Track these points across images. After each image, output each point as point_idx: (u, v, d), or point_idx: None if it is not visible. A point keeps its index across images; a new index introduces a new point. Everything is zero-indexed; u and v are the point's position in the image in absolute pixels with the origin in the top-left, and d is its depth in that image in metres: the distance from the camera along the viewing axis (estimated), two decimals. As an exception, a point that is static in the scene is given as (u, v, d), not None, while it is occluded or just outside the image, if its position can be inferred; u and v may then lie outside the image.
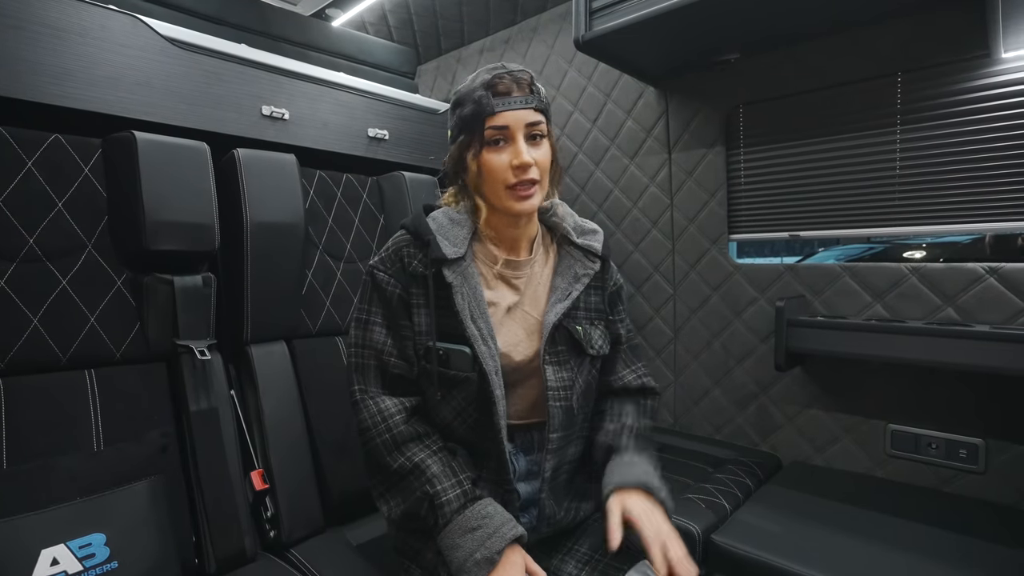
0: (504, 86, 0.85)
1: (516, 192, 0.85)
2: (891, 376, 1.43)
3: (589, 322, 0.97)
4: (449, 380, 0.89)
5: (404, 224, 0.94)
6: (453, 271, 0.88)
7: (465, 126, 0.87)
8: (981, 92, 1.28)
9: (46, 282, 1.03)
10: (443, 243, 0.88)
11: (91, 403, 1.02)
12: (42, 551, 0.79)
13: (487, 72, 0.87)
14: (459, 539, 0.81)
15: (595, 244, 0.98)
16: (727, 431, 1.76)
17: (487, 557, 0.79)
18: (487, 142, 0.85)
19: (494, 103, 0.84)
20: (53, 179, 1.06)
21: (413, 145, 1.75)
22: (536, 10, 2.12)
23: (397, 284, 0.90)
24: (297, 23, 1.90)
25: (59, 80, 1.08)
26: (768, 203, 1.65)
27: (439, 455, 0.88)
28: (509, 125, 0.84)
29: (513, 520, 0.84)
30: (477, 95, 0.85)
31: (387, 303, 0.91)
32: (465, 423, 0.91)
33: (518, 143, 0.84)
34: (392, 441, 0.87)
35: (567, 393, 0.92)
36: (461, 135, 0.88)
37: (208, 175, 1.17)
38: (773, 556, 1.12)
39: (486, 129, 0.85)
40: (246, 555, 1.11)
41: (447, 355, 0.88)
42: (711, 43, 1.50)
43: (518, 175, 0.84)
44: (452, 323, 0.87)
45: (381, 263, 0.92)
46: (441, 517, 0.83)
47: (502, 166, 0.85)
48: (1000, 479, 1.30)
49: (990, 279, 1.29)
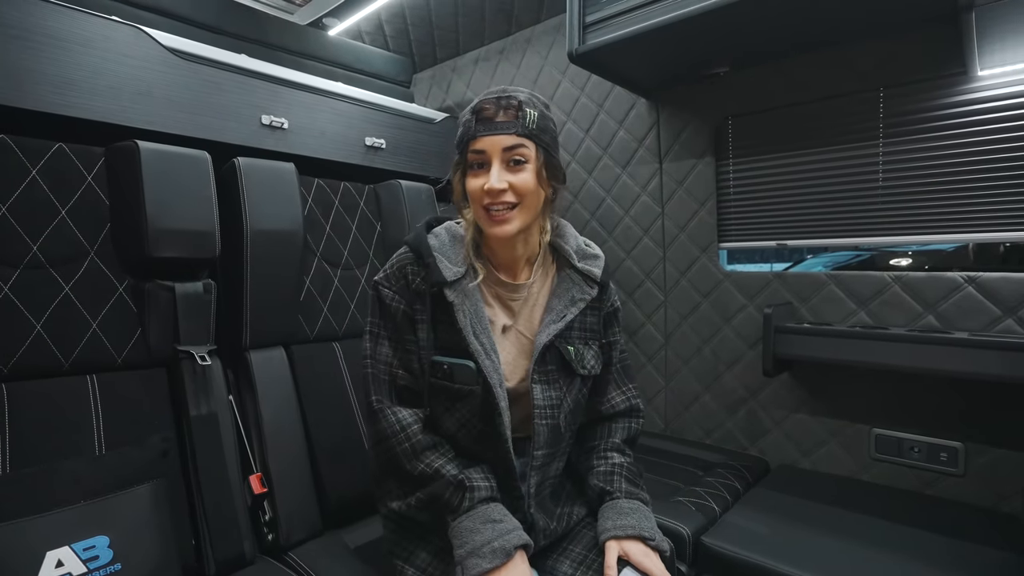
0: (489, 112, 0.86)
1: (491, 216, 0.87)
2: (875, 381, 1.47)
3: (583, 342, 0.98)
4: (454, 393, 0.91)
5: (407, 241, 0.95)
6: (454, 290, 0.89)
7: (456, 147, 0.91)
8: (959, 108, 1.33)
9: (49, 289, 1.04)
10: (443, 264, 0.90)
11: (93, 408, 1.03)
12: (47, 553, 0.80)
13: (483, 95, 0.89)
14: (480, 525, 0.84)
15: (595, 270, 0.99)
16: (717, 435, 1.80)
17: (503, 548, 0.81)
18: (469, 165, 0.88)
19: (476, 128, 0.86)
20: (57, 187, 1.07)
21: (410, 154, 1.77)
22: (530, 22, 2.16)
23: (401, 300, 0.92)
24: (294, 32, 1.92)
25: (62, 90, 1.09)
26: (756, 212, 1.69)
27: (455, 461, 0.91)
28: (486, 150, 0.86)
29: (522, 529, 0.87)
30: (465, 119, 0.88)
31: (392, 318, 0.93)
32: (469, 435, 0.93)
33: (492, 168, 0.86)
34: (412, 450, 0.90)
35: (554, 412, 0.94)
36: (456, 155, 0.92)
37: (209, 183, 1.19)
38: (761, 557, 1.15)
39: (468, 153, 0.87)
40: (245, 558, 1.12)
41: (451, 369, 0.90)
42: (701, 57, 1.54)
43: (490, 199, 0.86)
44: (455, 338, 0.89)
45: (386, 279, 0.94)
46: (468, 499, 0.85)
47: (478, 190, 0.87)
48: (979, 481, 1.34)
49: (969, 288, 1.33)
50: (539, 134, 0.88)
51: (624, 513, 0.94)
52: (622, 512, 0.94)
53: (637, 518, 0.93)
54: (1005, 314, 1.29)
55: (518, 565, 0.82)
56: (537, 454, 0.93)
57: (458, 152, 0.91)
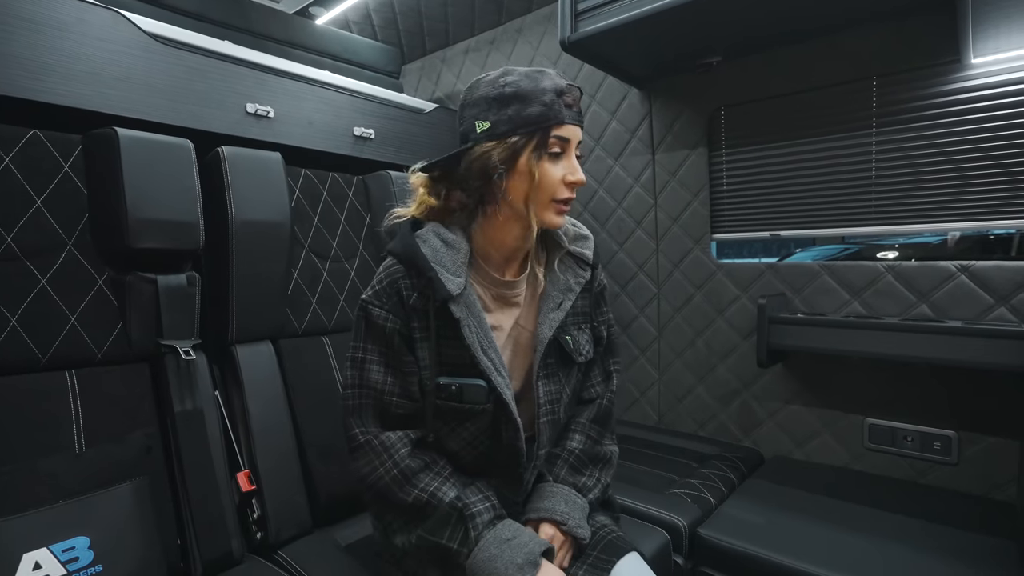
0: (572, 98, 0.82)
1: (559, 207, 0.84)
2: (868, 371, 1.47)
3: (577, 328, 0.96)
4: (463, 414, 0.86)
5: (394, 252, 0.87)
6: (457, 304, 0.83)
7: (523, 126, 0.80)
8: (953, 96, 1.33)
9: (25, 281, 1.00)
10: (444, 276, 0.82)
11: (72, 404, 0.99)
12: (24, 555, 0.77)
13: (550, 78, 0.82)
14: (495, 549, 0.79)
15: (586, 252, 0.96)
16: (710, 427, 1.79)
17: (530, 560, 0.78)
18: (548, 151, 0.82)
19: (565, 113, 0.81)
20: (31, 176, 1.03)
21: (399, 144, 1.74)
22: (521, 11, 2.13)
23: (396, 319, 0.85)
24: (280, 21, 1.88)
25: (36, 75, 1.05)
26: (750, 203, 1.68)
27: (451, 480, 0.85)
28: (570, 139, 0.82)
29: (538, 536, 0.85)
30: (548, 99, 0.80)
31: (386, 341, 0.85)
32: (474, 452, 0.89)
33: (572, 158, 0.83)
34: (401, 475, 0.83)
35: (555, 406, 0.93)
36: (514, 135, 0.80)
37: (192, 172, 1.15)
38: (758, 548, 1.14)
39: (550, 137, 0.81)
40: (233, 557, 1.09)
41: (460, 389, 0.84)
42: (694, 46, 1.52)
43: (571, 191, 0.83)
44: (461, 356, 0.84)
45: (376, 297, 0.86)
46: (473, 529, 0.80)
47: (556, 179, 0.82)
48: (972, 470, 1.34)
49: (961, 276, 1.33)
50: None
51: (544, 496, 0.91)
52: (543, 495, 0.92)
53: (554, 502, 0.90)
54: (998, 302, 1.29)
55: (548, 572, 0.79)
56: (540, 453, 0.91)
57: (522, 131, 0.80)
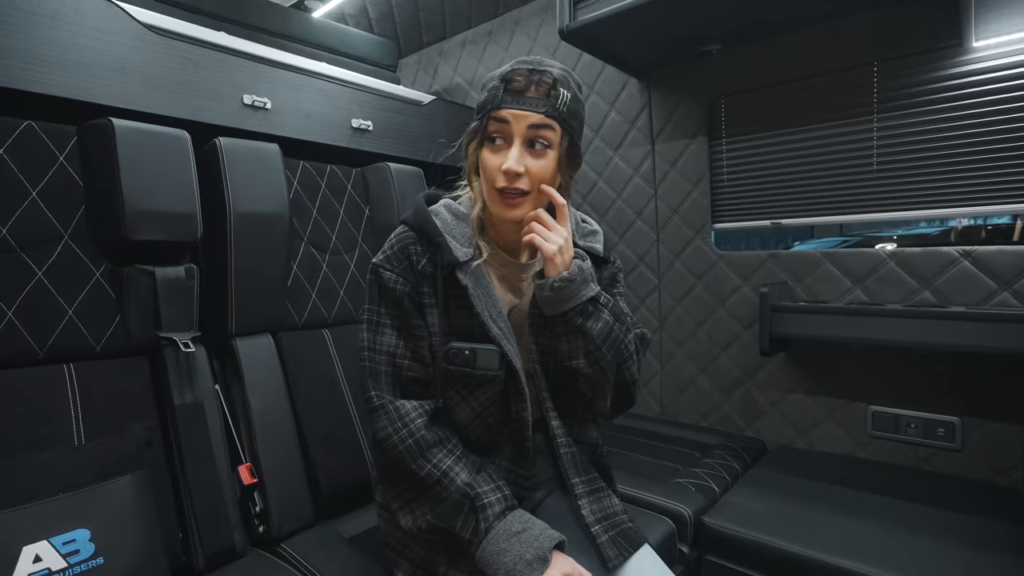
0: (519, 83, 0.78)
1: (504, 198, 0.81)
2: (871, 359, 1.47)
3: None
4: (475, 380, 0.85)
5: (406, 220, 0.88)
6: (465, 272, 0.83)
7: (476, 113, 0.83)
8: (954, 80, 1.32)
9: (21, 273, 0.99)
10: (453, 244, 0.83)
11: (71, 398, 0.98)
12: (24, 548, 0.76)
13: (513, 63, 0.81)
14: (504, 543, 0.78)
15: (597, 246, 0.95)
16: (713, 417, 1.79)
17: (540, 556, 0.76)
18: (488, 137, 0.81)
19: (503, 98, 0.78)
20: (26, 167, 1.02)
21: (397, 136, 1.73)
22: (519, 2, 2.12)
23: (406, 283, 0.84)
24: (276, 13, 1.86)
25: (30, 65, 1.04)
26: (750, 192, 1.67)
27: (464, 461, 0.84)
28: (510, 122, 0.78)
29: (549, 527, 0.82)
30: (491, 85, 0.80)
31: (397, 303, 0.85)
32: (483, 424, 0.88)
33: (513, 147, 0.78)
34: (416, 447, 0.82)
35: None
36: (474, 121, 0.83)
37: (189, 164, 1.14)
38: (763, 535, 1.14)
39: (490, 121, 0.80)
40: (235, 551, 1.08)
41: (474, 354, 0.83)
42: (693, 34, 1.51)
43: (507, 180, 0.79)
44: (471, 324, 0.84)
45: (387, 261, 0.85)
46: (483, 520, 0.79)
47: (494, 167, 0.80)
48: (976, 455, 1.34)
49: (964, 262, 1.33)
50: (568, 118, 0.80)
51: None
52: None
53: None
54: (1001, 287, 1.29)
55: (560, 564, 0.78)
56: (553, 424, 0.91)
57: (476, 118, 0.82)
